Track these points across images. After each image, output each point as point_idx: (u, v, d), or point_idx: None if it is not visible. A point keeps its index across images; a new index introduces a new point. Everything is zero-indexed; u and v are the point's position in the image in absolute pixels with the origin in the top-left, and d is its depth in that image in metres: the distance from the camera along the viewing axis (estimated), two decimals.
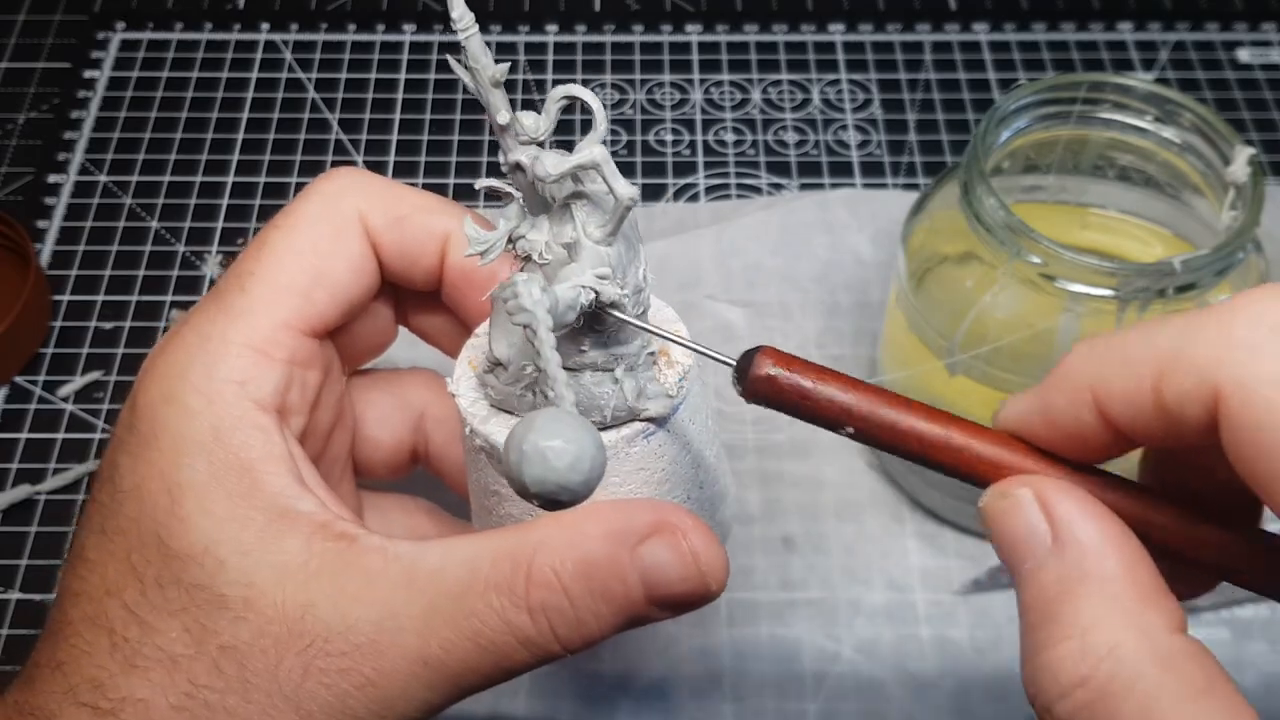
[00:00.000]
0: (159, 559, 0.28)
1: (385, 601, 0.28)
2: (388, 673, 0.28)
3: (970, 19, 0.68)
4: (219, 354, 0.30)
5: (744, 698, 0.44)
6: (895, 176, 0.61)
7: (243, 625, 0.28)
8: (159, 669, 0.28)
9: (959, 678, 0.45)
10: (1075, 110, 0.42)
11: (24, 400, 0.53)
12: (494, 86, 0.27)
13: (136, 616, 0.28)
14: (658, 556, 0.28)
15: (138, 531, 0.29)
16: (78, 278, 0.57)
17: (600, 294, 0.27)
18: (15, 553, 0.48)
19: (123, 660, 0.28)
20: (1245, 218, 0.38)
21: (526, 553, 0.28)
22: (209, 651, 0.28)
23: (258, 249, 0.33)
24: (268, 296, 0.31)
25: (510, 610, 0.28)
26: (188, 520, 0.29)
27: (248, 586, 0.28)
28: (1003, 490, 0.25)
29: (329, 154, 0.62)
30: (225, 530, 0.28)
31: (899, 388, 0.47)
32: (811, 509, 0.49)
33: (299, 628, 0.28)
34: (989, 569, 0.47)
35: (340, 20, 0.68)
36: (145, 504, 0.29)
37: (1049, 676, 0.23)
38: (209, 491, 0.29)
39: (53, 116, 0.64)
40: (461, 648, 0.28)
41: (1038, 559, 0.24)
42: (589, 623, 0.28)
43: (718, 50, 0.67)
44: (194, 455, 0.29)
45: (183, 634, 0.28)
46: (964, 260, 0.41)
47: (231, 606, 0.28)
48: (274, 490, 0.29)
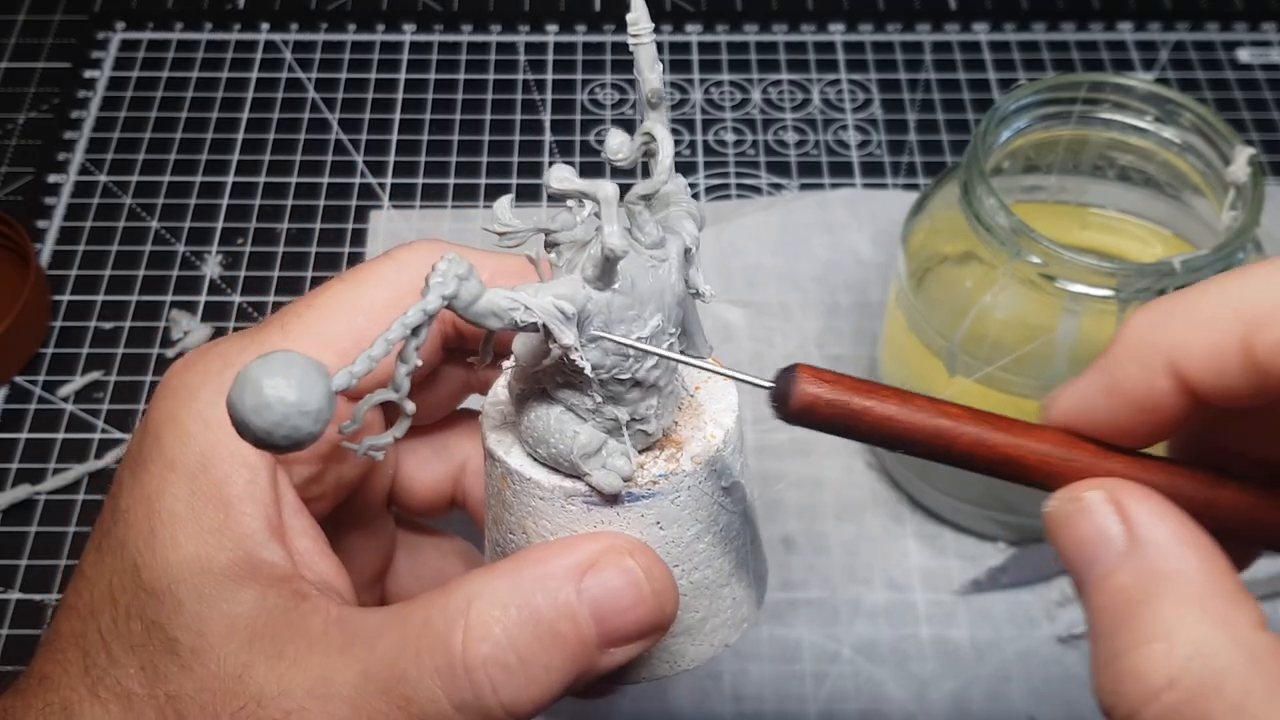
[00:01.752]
0: (131, 588, 0.29)
1: (319, 668, 0.27)
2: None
3: (970, 19, 0.68)
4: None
5: (744, 698, 0.44)
6: (895, 176, 0.61)
7: (188, 676, 0.28)
8: (117, 704, 0.28)
9: (959, 678, 0.45)
10: (1075, 110, 0.42)
11: (24, 400, 0.53)
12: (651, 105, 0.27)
13: (106, 644, 0.29)
14: (606, 583, 0.26)
15: (121, 555, 0.29)
16: (78, 278, 0.57)
17: (549, 326, 0.25)
18: (15, 553, 0.48)
19: (89, 687, 0.28)
20: (1245, 218, 0.38)
21: (460, 606, 0.26)
22: (158, 696, 0.28)
23: (315, 295, 0.32)
24: (304, 344, 0.30)
25: (445, 673, 0.25)
26: (159, 553, 0.29)
27: (198, 635, 0.28)
28: (1072, 495, 0.25)
29: (329, 154, 0.62)
30: (188, 568, 0.28)
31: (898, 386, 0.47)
32: (811, 509, 0.49)
33: (237, 687, 0.27)
34: (989, 569, 0.47)
35: (340, 20, 0.68)
36: (130, 529, 0.29)
37: (1132, 681, 0.22)
38: (184, 524, 0.29)
39: (53, 116, 0.64)
40: (392, 717, 0.26)
41: (1110, 563, 0.24)
42: (538, 677, 0.26)
43: (718, 50, 0.67)
44: (179, 483, 0.29)
45: (139, 672, 0.28)
46: (964, 260, 0.41)
47: (180, 654, 0.28)
48: (244, 532, 0.29)
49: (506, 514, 0.30)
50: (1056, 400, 0.26)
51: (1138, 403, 0.24)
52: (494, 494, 0.30)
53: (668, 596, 0.27)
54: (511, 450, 0.29)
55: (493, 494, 0.30)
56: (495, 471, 0.30)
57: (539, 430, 0.27)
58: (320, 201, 0.60)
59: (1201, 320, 0.23)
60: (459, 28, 0.68)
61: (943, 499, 0.48)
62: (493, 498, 0.30)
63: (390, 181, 0.61)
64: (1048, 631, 0.46)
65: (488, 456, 0.30)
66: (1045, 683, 0.45)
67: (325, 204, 0.60)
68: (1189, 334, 0.23)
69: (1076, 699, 0.44)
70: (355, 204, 0.60)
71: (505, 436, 0.29)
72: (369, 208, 0.60)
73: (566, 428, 0.27)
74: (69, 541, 0.49)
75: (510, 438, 0.29)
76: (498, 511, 0.30)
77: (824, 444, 0.51)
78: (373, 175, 0.61)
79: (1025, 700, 0.44)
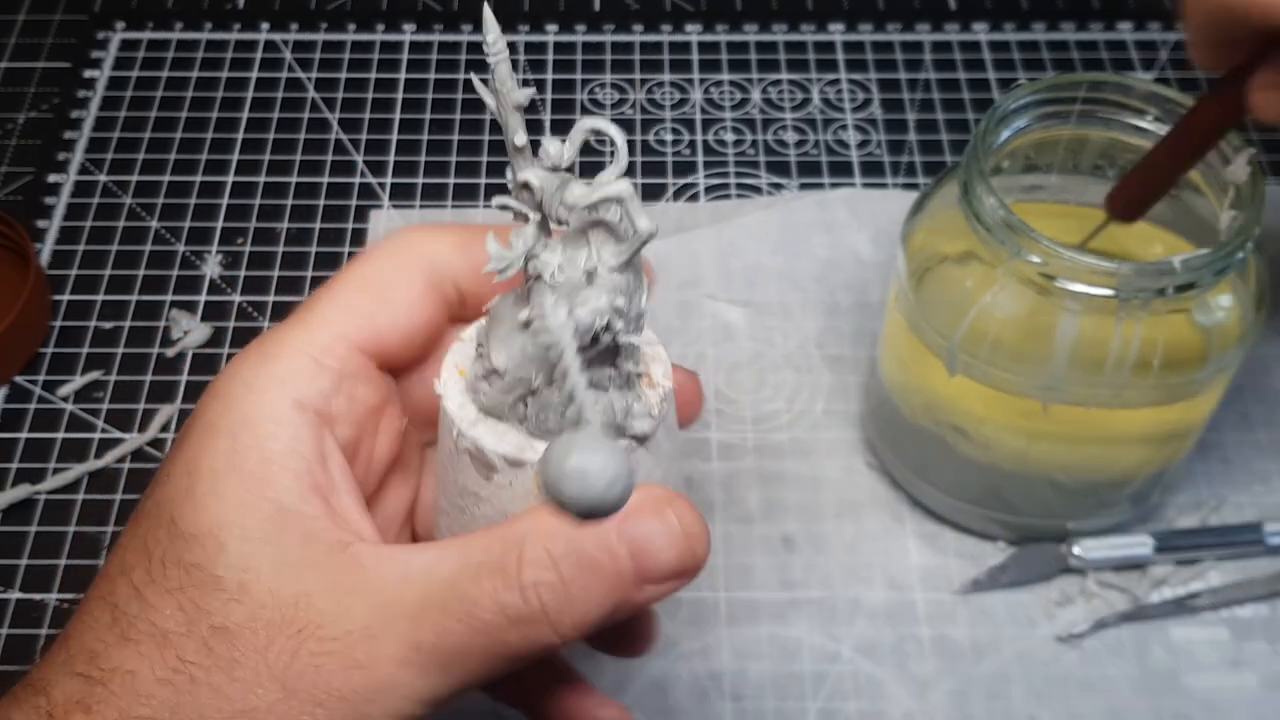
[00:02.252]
0: (168, 539, 0.29)
1: (379, 592, 0.28)
2: (379, 657, 0.28)
3: (970, 19, 0.68)
4: (272, 354, 0.32)
5: (744, 697, 0.44)
6: (895, 176, 0.61)
7: (236, 608, 0.28)
8: (150, 643, 0.28)
9: (959, 677, 0.45)
10: (1075, 110, 0.42)
11: (24, 400, 0.53)
12: (515, 110, 0.29)
13: (139, 593, 0.29)
14: (644, 528, 0.29)
15: (157, 514, 0.30)
16: (78, 277, 0.57)
17: (611, 322, 0.29)
18: (15, 552, 0.48)
19: (119, 634, 0.29)
20: (1245, 217, 0.38)
21: (517, 537, 0.29)
22: (200, 630, 0.28)
23: (335, 278, 0.34)
24: (329, 313, 0.33)
25: (502, 590, 0.28)
26: (199, 502, 0.29)
27: (244, 571, 0.28)
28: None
29: (329, 154, 0.62)
30: (232, 514, 0.29)
31: (898, 385, 0.47)
32: (811, 508, 0.49)
33: (292, 614, 0.28)
34: (988, 568, 0.47)
35: (340, 20, 0.68)
36: (169, 487, 0.30)
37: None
38: (225, 475, 0.29)
39: (53, 116, 0.64)
40: (454, 631, 0.28)
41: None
42: (578, 599, 0.28)
43: (717, 50, 0.67)
44: (219, 439, 0.30)
45: (176, 611, 0.28)
46: (964, 260, 0.41)
47: (226, 589, 0.28)
48: (284, 486, 0.30)
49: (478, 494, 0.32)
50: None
51: None
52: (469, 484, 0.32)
53: (699, 541, 0.30)
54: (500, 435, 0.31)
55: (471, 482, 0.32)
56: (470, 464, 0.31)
57: (562, 412, 0.30)
58: (320, 201, 0.60)
59: None
60: (459, 28, 0.68)
61: (943, 499, 0.48)
62: (470, 485, 0.32)
63: (390, 181, 0.61)
64: (1048, 631, 0.46)
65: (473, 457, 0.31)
66: (1045, 682, 0.45)
67: (325, 204, 0.60)
68: None
69: (1076, 699, 0.44)
70: (355, 204, 0.60)
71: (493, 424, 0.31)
72: (369, 207, 0.60)
73: (600, 401, 0.30)
74: (69, 541, 0.49)
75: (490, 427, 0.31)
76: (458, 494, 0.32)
77: (824, 444, 0.51)
78: (373, 175, 0.61)
79: (1025, 700, 0.44)
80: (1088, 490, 0.46)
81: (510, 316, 0.30)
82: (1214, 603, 0.46)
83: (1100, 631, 0.46)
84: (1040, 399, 0.41)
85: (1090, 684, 0.45)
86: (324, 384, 0.32)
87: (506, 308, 0.31)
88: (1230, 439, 0.51)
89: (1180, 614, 0.46)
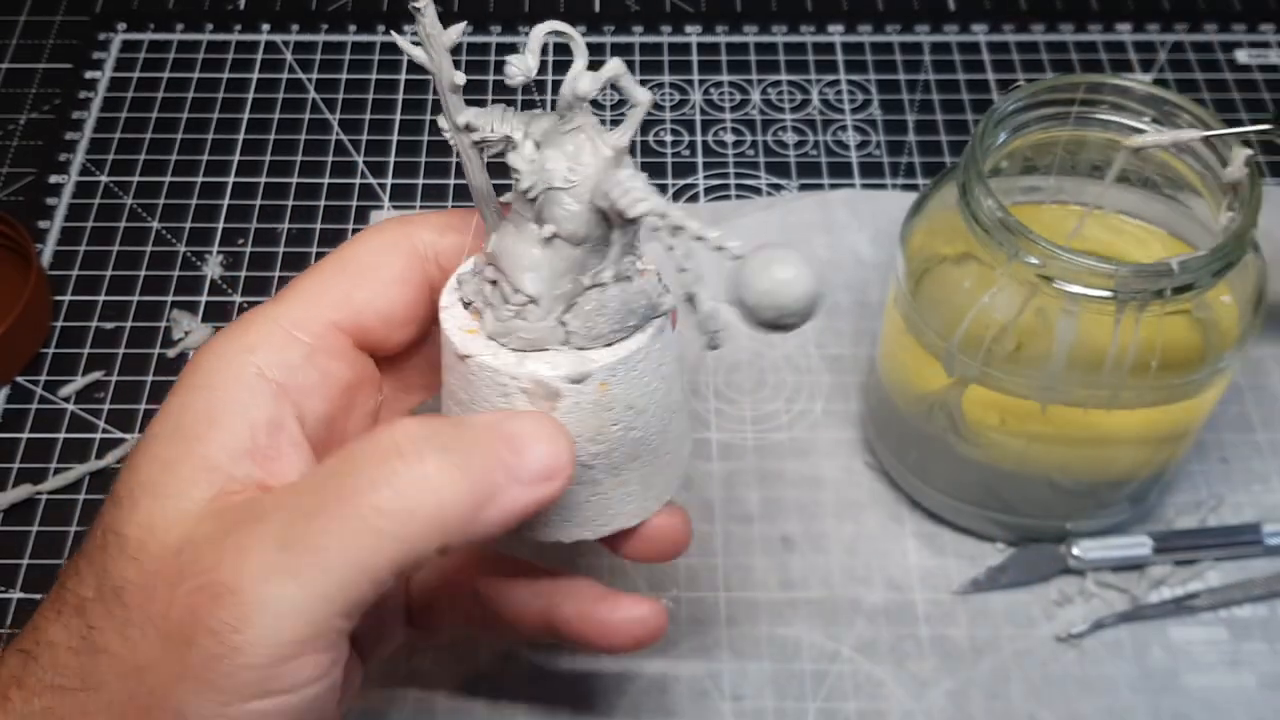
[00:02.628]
0: (109, 509, 0.29)
1: (253, 515, 0.27)
2: (245, 574, 0.26)
3: (969, 20, 0.68)
4: (244, 326, 0.32)
5: (743, 697, 0.44)
6: (894, 177, 0.61)
7: (131, 565, 0.28)
8: (71, 613, 0.28)
9: (958, 677, 0.45)
10: (1073, 111, 0.42)
11: (25, 400, 0.53)
12: (446, 51, 0.30)
13: (75, 566, 0.29)
14: (519, 422, 0.29)
15: (115, 488, 0.30)
16: (79, 278, 0.57)
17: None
18: (16, 552, 0.48)
19: (55, 608, 0.29)
20: (1243, 218, 0.38)
21: (387, 432, 0.28)
22: (105, 594, 0.28)
23: (316, 263, 0.35)
24: (306, 289, 0.33)
25: (376, 464, 0.27)
26: (136, 466, 0.29)
27: (146, 529, 0.28)
28: None
29: (329, 154, 0.62)
30: (155, 472, 0.29)
31: (897, 386, 0.47)
32: (811, 508, 0.49)
33: (175, 563, 0.27)
34: (987, 568, 0.47)
35: (340, 21, 0.68)
36: (128, 462, 0.30)
37: None
38: (167, 437, 0.30)
39: (54, 117, 0.64)
40: (319, 522, 0.26)
41: None
42: (447, 469, 0.27)
43: (717, 51, 0.67)
44: (173, 401, 0.30)
45: (90, 577, 0.28)
46: (962, 261, 0.42)
47: (128, 548, 0.28)
48: (218, 444, 0.29)
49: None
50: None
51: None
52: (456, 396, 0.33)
53: (567, 443, 0.29)
54: (485, 346, 0.32)
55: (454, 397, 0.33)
56: (470, 373, 0.32)
57: (617, 312, 0.31)
58: (321, 202, 0.60)
59: None
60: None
61: (942, 499, 0.48)
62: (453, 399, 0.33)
63: (390, 182, 0.61)
64: (1047, 631, 0.46)
65: (461, 360, 0.32)
66: (1044, 682, 0.45)
67: (326, 204, 0.60)
68: None
69: (1075, 699, 0.44)
70: (356, 204, 0.60)
71: (474, 338, 0.32)
72: (369, 208, 0.60)
73: (630, 292, 0.32)
74: (70, 541, 0.49)
75: (477, 338, 0.32)
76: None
77: (823, 444, 0.51)
78: (373, 175, 0.61)
79: (1024, 700, 0.44)
80: (1086, 491, 0.46)
81: (524, 242, 0.31)
82: (1213, 603, 0.46)
83: (1099, 631, 0.46)
84: (1039, 399, 0.41)
85: (1089, 684, 0.45)
86: (292, 355, 0.32)
87: (513, 238, 0.31)
88: (1229, 439, 0.51)
89: (1179, 614, 0.46)
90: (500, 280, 0.31)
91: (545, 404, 0.31)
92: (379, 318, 0.34)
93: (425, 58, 0.30)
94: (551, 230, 0.30)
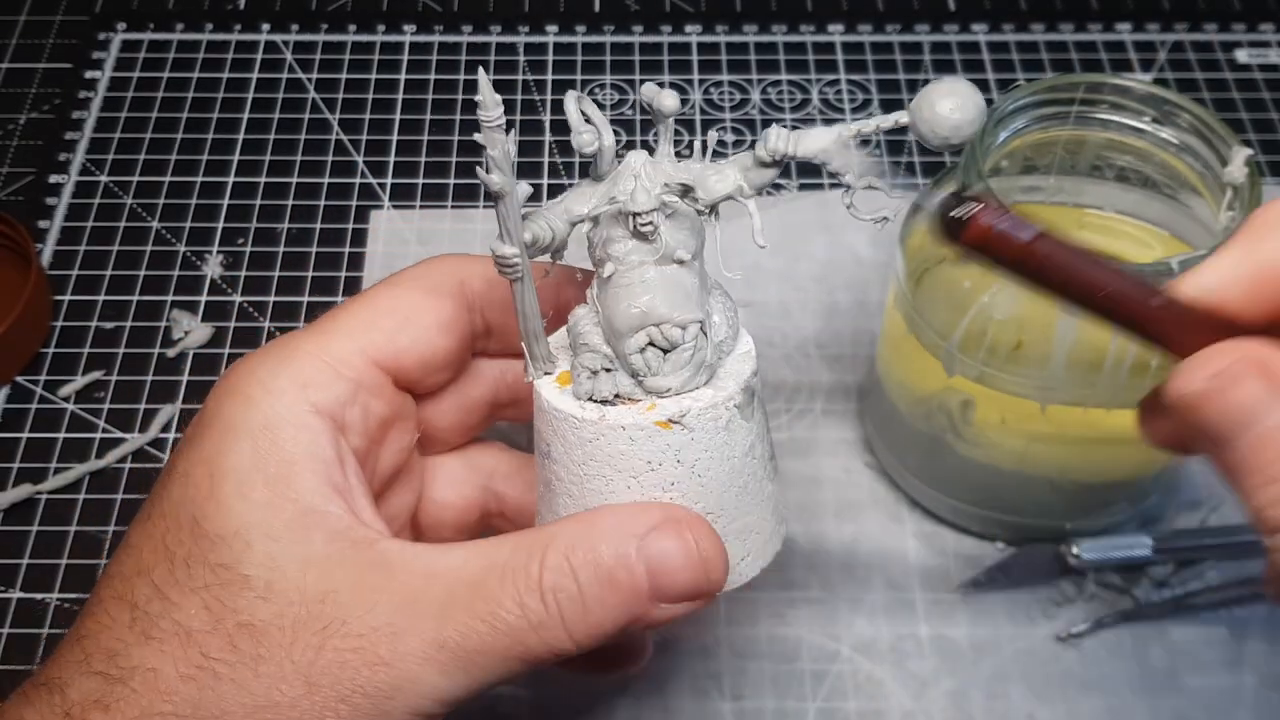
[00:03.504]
0: (191, 539, 0.30)
1: (405, 589, 0.29)
2: (402, 654, 0.28)
3: (969, 19, 0.68)
4: (290, 358, 0.32)
5: (743, 697, 0.44)
6: (895, 177, 0.61)
7: (262, 605, 0.29)
8: (173, 641, 0.29)
9: (958, 677, 0.45)
10: (1073, 111, 0.42)
11: (25, 400, 0.53)
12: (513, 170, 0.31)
13: (160, 592, 0.29)
14: (663, 546, 0.30)
15: (176, 514, 0.30)
16: (79, 277, 0.57)
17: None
18: (16, 552, 0.48)
19: (140, 632, 0.29)
20: (1243, 218, 0.38)
21: (542, 542, 0.29)
22: (225, 627, 0.28)
23: (361, 294, 0.35)
24: (351, 325, 0.34)
25: (524, 593, 0.29)
26: (224, 503, 0.30)
27: (271, 570, 0.29)
28: (1206, 370, 0.27)
29: (329, 154, 0.62)
30: (257, 514, 0.29)
31: (896, 385, 0.47)
32: (811, 508, 0.49)
33: (318, 610, 0.28)
34: (987, 569, 0.47)
35: (340, 21, 0.68)
36: (189, 488, 0.30)
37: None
38: (249, 477, 0.30)
39: (54, 117, 0.64)
40: (477, 631, 0.28)
41: (1263, 416, 0.26)
42: (595, 611, 0.29)
43: (717, 51, 0.67)
44: (241, 440, 0.30)
45: (201, 610, 0.29)
46: (962, 261, 0.41)
47: (254, 587, 0.29)
48: (307, 488, 0.30)
49: (558, 467, 0.33)
50: (1195, 279, 0.28)
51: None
52: (547, 454, 0.33)
53: (715, 566, 0.31)
54: (572, 399, 0.32)
55: (544, 454, 0.34)
56: (561, 428, 0.32)
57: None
58: (321, 202, 0.60)
59: None
60: (459, 28, 0.68)
61: (942, 499, 0.48)
62: (545, 458, 0.34)
63: (390, 182, 0.61)
64: (1047, 631, 0.46)
65: (548, 419, 0.33)
66: (1044, 682, 0.45)
67: (326, 204, 0.60)
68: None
69: (1075, 698, 0.44)
70: (355, 204, 0.60)
71: (566, 397, 0.33)
72: (369, 208, 0.60)
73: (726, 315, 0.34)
74: (70, 541, 0.49)
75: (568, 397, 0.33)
76: (548, 466, 0.33)
77: (823, 443, 0.51)
78: (373, 175, 0.61)
79: (1024, 699, 0.44)
80: (1086, 491, 0.46)
81: (623, 299, 0.31)
82: (1213, 603, 0.46)
83: (1099, 631, 0.46)
84: (1038, 400, 0.41)
85: (1089, 684, 0.45)
86: (340, 391, 0.32)
87: (599, 308, 0.32)
88: None
89: (1179, 614, 0.46)
90: (613, 356, 0.32)
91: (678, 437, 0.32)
92: (419, 363, 0.34)
93: (500, 180, 0.30)
94: (680, 253, 0.32)
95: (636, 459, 0.31)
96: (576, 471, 0.32)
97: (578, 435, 0.32)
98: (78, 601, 0.47)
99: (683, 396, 0.32)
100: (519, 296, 0.31)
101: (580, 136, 0.31)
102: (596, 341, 0.32)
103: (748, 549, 0.34)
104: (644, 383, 0.32)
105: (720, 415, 0.32)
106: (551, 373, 0.33)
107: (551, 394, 0.33)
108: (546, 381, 0.33)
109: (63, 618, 0.47)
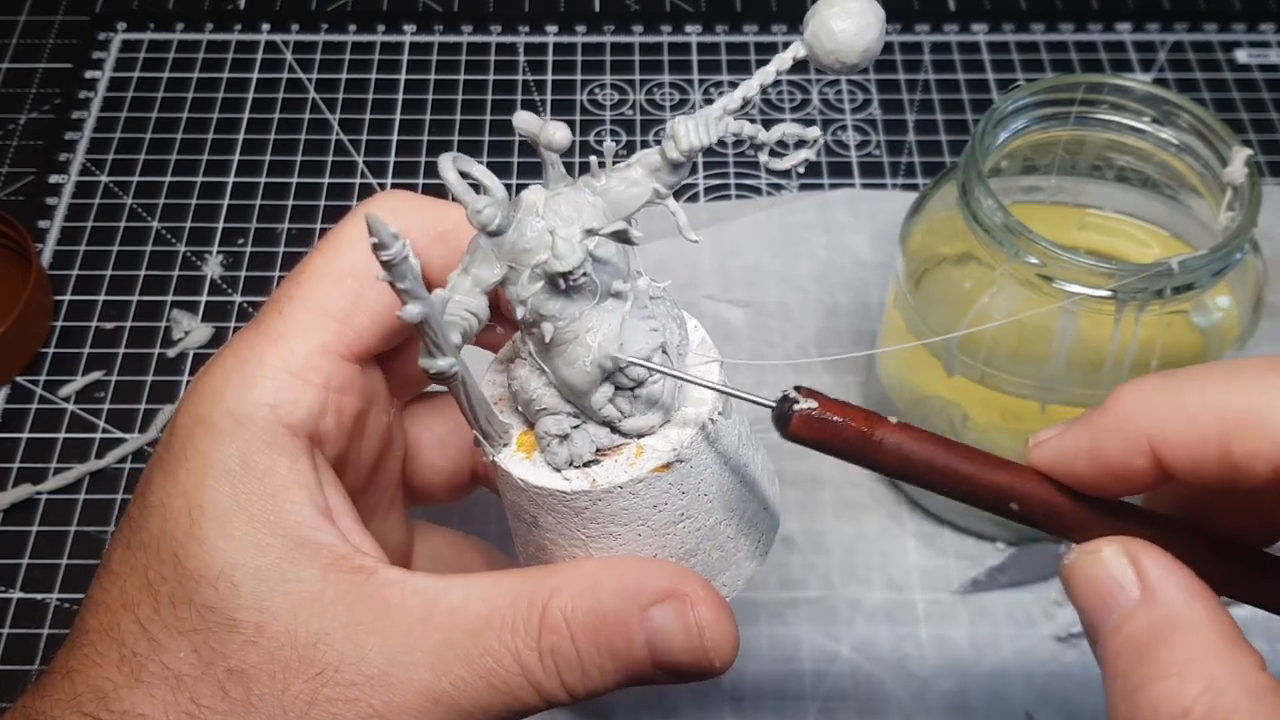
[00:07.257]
0: (174, 577, 0.29)
1: (400, 634, 0.28)
2: (397, 706, 0.28)
3: (969, 20, 0.68)
4: (254, 377, 0.31)
5: (744, 697, 0.44)
6: (894, 177, 0.61)
7: (252, 649, 0.28)
8: (163, 686, 0.28)
9: (958, 677, 0.45)
10: (1073, 111, 0.42)
11: (25, 400, 0.53)
12: None
13: (147, 632, 0.28)
14: (665, 623, 0.29)
15: (157, 548, 0.29)
16: (79, 277, 0.57)
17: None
18: (16, 552, 0.48)
19: (129, 674, 0.28)
20: (1243, 218, 0.38)
21: (543, 595, 0.28)
22: (215, 673, 0.28)
23: (298, 273, 0.33)
24: (305, 320, 0.32)
25: (523, 650, 0.28)
26: (206, 542, 0.29)
27: (261, 612, 0.28)
28: (1091, 549, 0.26)
29: (329, 154, 0.62)
30: (242, 554, 0.28)
31: (896, 385, 0.47)
32: (811, 508, 0.49)
33: (310, 655, 0.28)
34: (987, 568, 0.47)
35: (340, 21, 0.68)
36: (167, 522, 0.29)
37: (1149, 712, 0.24)
38: (229, 515, 0.29)
39: (54, 117, 0.64)
40: (474, 686, 0.28)
41: (1126, 610, 0.26)
42: (592, 674, 0.29)
43: (717, 51, 0.67)
44: (218, 478, 0.29)
45: (190, 654, 0.28)
46: (962, 261, 0.42)
47: (243, 631, 0.28)
48: (294, 519, 0.29)
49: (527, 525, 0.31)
50: (1040, 446, 0.28)
51: (1115, 471, 0.26)
52: (515, 512, 0.32)
53: (717, 652, 0.30)
54: (529, 465, 0.30)
55: (513, 512, 0.32)
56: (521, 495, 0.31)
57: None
58: (321, 202, 0.60)
59: (1186, 413, 0.25)
60: (459, 28, 0.68)
61: (941, 499, 0.48)
62: (514, 517, 0.32)
63: (390, 182, 0.61)
64: (1046, 631, 0.46)
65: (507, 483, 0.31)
66: (1044, 681, 0.45)
67: (325, 204, 0.60)
68: (1173, 425, 0.25)
69: (1075, 698, 0.44)
70: (355, 204, 0.60)
71: (517, 458, 0.30)
72: None
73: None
74: (70, 541, 0.49)
75: (521, 456, 0.30)
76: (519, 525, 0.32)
77: None
78: (373, 175, 0.61)
79: (1024, 699, 0.44)
80: None
81: (571, 357, 0.29)
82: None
83: None
84: (1038, 399, 0.41)
85: (1089, 683, 0.45)
86: (311, 403, 0.31)
87: (537, 368, 0.30)
88: None
89: None
90: (580, 415, 0.30)
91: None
92: (381, 335, 0.33)
93: (419, 308, 0.26)
94: (616, 284, 0.29)
95: (641, 509, 0.30)
96: (577, 536, 0.30)
97: (570, 507, 0.30)
98: (78, 602, 0.47)
99: (668, 428, 0.30)
100: (461, 393, 0.28)
101: (480, 214, 0.28)
102: (554, 402, 0.29)
103: (761, 531, 0.33)
104: (621, 426, 0.30)
105: (709, 429, 0.31)
106: (509, 443, 0.30)
107: (524, 471, 0.30)
108: (510, 456, 0.30)
109: (63, 618, 0.47)
